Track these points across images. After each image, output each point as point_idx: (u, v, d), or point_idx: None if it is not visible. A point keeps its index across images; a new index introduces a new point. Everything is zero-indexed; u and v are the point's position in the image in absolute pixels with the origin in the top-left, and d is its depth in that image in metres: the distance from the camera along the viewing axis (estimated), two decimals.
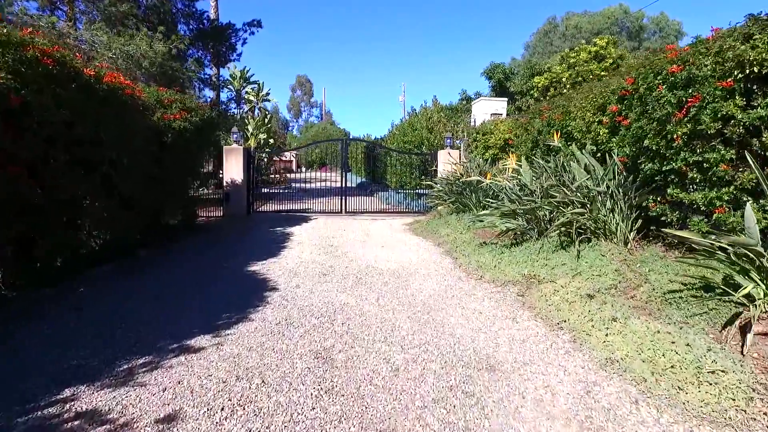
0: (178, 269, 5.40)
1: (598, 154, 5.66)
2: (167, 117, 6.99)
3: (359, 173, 30.36)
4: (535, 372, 2.83)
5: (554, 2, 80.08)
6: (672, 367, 2.65)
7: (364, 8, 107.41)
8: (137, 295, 4.31)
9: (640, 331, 3.17)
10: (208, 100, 16.56)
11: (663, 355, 2.78)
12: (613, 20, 46.50)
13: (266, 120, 28.68)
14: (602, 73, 20.06)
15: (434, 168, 11.39)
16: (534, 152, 6.98)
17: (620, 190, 4.97)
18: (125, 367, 2.75)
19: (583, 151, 5.57)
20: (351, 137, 11.80)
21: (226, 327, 3.48)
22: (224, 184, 10.77)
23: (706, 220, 3.93)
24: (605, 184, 5.15)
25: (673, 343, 2.90)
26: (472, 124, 11.33)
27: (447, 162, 10.85)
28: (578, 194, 5.22)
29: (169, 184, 7.13)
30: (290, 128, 74.92)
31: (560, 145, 5.66)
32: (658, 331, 3.10)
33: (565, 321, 3.62)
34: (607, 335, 3.23)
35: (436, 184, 10.36)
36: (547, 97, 20.65)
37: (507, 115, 11.01)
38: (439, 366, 2.89)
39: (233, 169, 10.72)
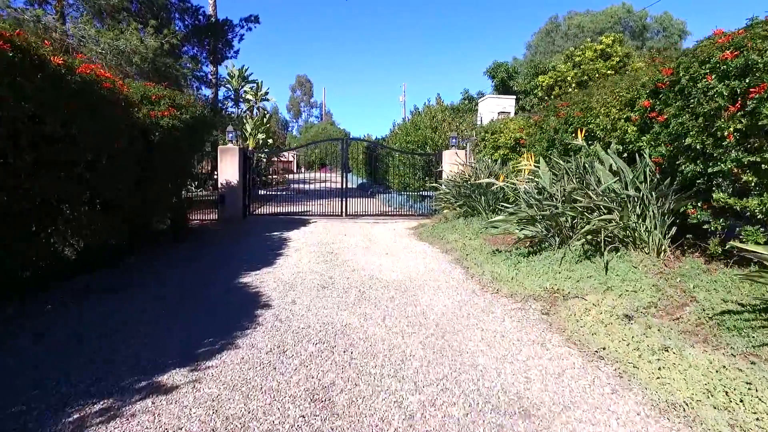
0: (161, 281, 4.88)
1: (624, 155, 5.14)
2: (154, 114, 6.47)
3: (360, 174, 29.81)
4: (581, 419, 2.31)
5: (556, 2, 79.63)
6: (757, 420, 2.13)
7: (364, 8, 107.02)
8: (111, 315, 3.79)
9: (700, 365, 2.65)
10: (207, 98, 16.04)
11: (741, 401, 2.27)
12: (615, 19, 46.00)
13: (265, 120, 28.18)
14: (608, 72, 19.58)
15: (439, 169, 10.88)
16: (550, 152, 6.47)
17: (653, 194, 4.46)
18: (74, 417, 2.22)
19: (608, 150, 5.06)
20: (351, 137, 11.24)
21: (207, 357, 2.96)
22: (219, 185, 10.25)
23: (762, 230, 3.41)
24: (635, 187, 4.64)
25: (748, 384, 2.38)
26: (479, 123, 10.83)
27: (453, 163, 10.33)
28: (605, 199, 4.70)
29: (157, 187, 6.61)
30: (290, 128, 74.43)
31: (583, 144, 5.14)
32: (724, 366, 2.59)
33: (604, 348, 3.10)
34: (660, 369, 2.71)
35: (441, 185, 9.85)
36: (552, 96, 20.16)
37: (515, 113, 10.51)
38: (461, 411, 2.38)
39: (228, 170, 10.20)
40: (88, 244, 5.07)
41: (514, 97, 12.02)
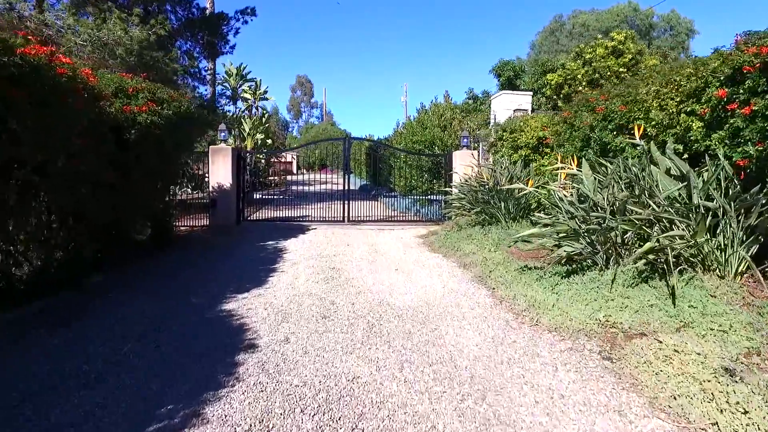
0: (124, 308, 4.03)
1: (685, 155, 4.29)
2: (129, 109, 5.63)
3: (361, 175, 28.90)
4: None
5: (560, 1, 78.79)
6: None
7: (364, 8, 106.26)
8: (45, 362, 2.94)
9: None
10: (205, 97, 15.16)
11: None
12: (622, 18, 45.16)
13: (264, 119, 27.39)
14: (621, 70, 18.77)
15: (451, 171, 10.03)
16: (584, 153, 5.62)
17: (732, 205, 3.60)
18: None
19: (667, 150, 4.21)
20: (353, 137, 10.39)
21: None
22: (210, 189, 9.41)
23: None
24: (706, 195, 3.78)
25: None
26: (492, 121, 9.99)
27: (465, 164, 9.48)
28: (669, 210, 3.84)
29: (132, 192, 5.77)
30: (290, 129, 73.73)
31: (640, 143, 4.28)
32: None
33: (714, 424, 2.24)
34: None
35: (452, 189, 9.01)
36: (561, 96, 19.32)
37: (532, 110, 9.68)
38: None
39: (220, 172, 9.36)
40: (39, 262, 4.22)
41: (531, 92, 11.16)
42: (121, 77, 6.05)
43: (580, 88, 19.49)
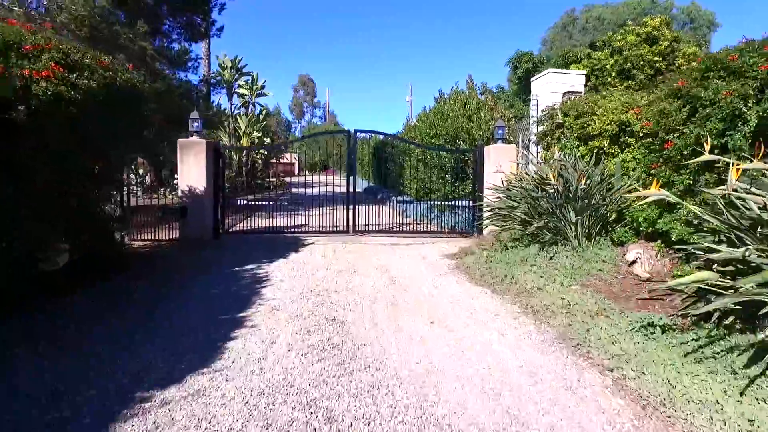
0: None
1: None
2: (16, 73, 3.65)
3: (366, 176, 26.76)
4: None
5: None
6: None
7: (368, 6, 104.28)
8: None
9: None
10: (195, 86, 13.09)
11: None
12: (639, 10, 42.95)
13: (262, 117, 25.44)
14: (656, 59, 16.69)
15: (480, 171, 8.00)
16: (728, 137, 3.58)
17: None
18: None
19: None
20: (357, 130, 8.30)
21: None
22: (179, 193, 7.42)
23: None
24: None
25: None
26: (533, 108, 7.96)
27: (502, 162, 7.46)
28: None
29: (28, 202, 3.78)
30: (293, 129, 72.10)
31: None
32: None
33: None
34: None
35: (487, 192, 6.98)
36: (587, 87, 17.27)
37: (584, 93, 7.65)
38: None
39: (192, 173, 7.37)
40: None
41: (584, 73, 9.10)
42: (17, 28, 4.06)
43: (609, 79, 17.40)
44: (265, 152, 25.08)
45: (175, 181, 7.46)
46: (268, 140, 24.85)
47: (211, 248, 6.89)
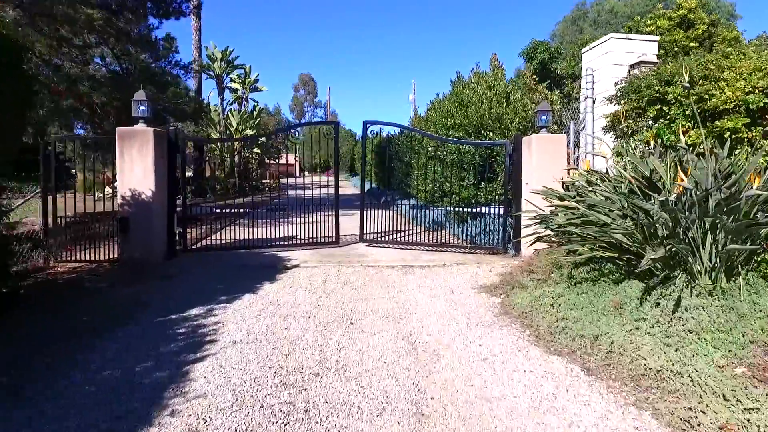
0: None
1: None
2: None
3: (368, 176, 24.79)
4: None
5: None
6: None
7: (369, 3, 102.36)
8: None
9: None
10: (177, 72, 11.17)
11: None
12: (654, 2, 40.90)
13: (255, 113, 23.60)
14: (691, 44, 14.76)
15: (518, 169, 6.12)
16: None
17: None
18: None
19: None
20: (369, 121, 6.46)
21: None
22: (119, 200, 5.55)
23: None
24: None
25: None
26: (587, 87, 6.09)
27: (546, 154, 5.60)
28: None
29: None
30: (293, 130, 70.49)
31: None
32: None
33: None
34: None
35: (525, 197, 5.10)
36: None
37: (633, 68, 5.67)
38: None
39: (136, 172, 5.50)
40: None
41: (656, 38, 7.14)
42: None
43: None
44: (259, 151, 23.27)
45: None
46: (263, 139, 23.02)
47: (155, 276, 5.00)
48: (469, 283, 4.77)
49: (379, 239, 7.01)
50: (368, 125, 7.13)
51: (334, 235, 6.85)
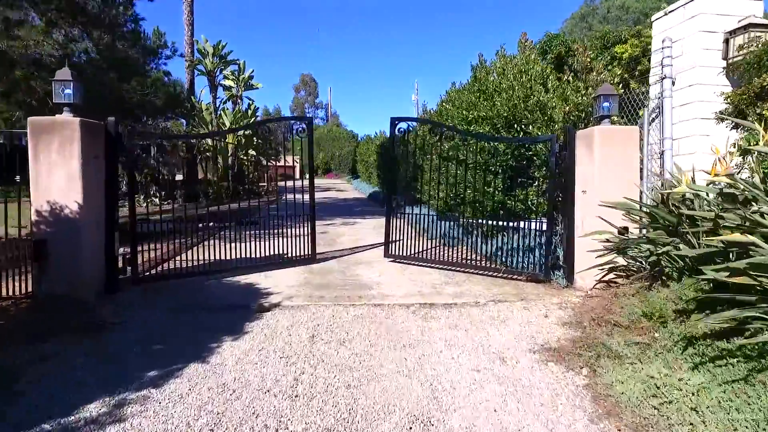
0: None
1: None
2: None
3: (370, 180, 23.18)
4: None
5: None
6: None
7: (371, 3, 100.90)
8: None
9: None
10: (148, 60, 9.68)
11: None
12: None
13: (250, 112, 22.12)
14: None
15: (553, 168, 4.63)
16: None
17: None
18: None
19: None
20: (397, 118, 5.02)
21: None
22: (33, 216, 4.06)
23: None
24: None
25: None
26: (663, 63, 4.62)
27: (613, 153, 4.13)
28: None
29: None
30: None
31: None
32: None
33: None
34: None
35: (624, 210, 3.65)
36: (637, 73, 13.93)
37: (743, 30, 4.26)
38: None
39: (56, 179, 4.02)
40: None
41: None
42: None
43: None
44: (255, 153, 21.82)
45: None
46: (258, 140, 21.55)
47: (79, 324, 3.52)
48: (523, 340, 3.27)
49: (400, 254, 5.55)
50: (397, 122, 5.86)
51: (309, 252, 5.56)
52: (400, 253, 5.82)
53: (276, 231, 5.84)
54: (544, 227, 5.06)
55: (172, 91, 8.30)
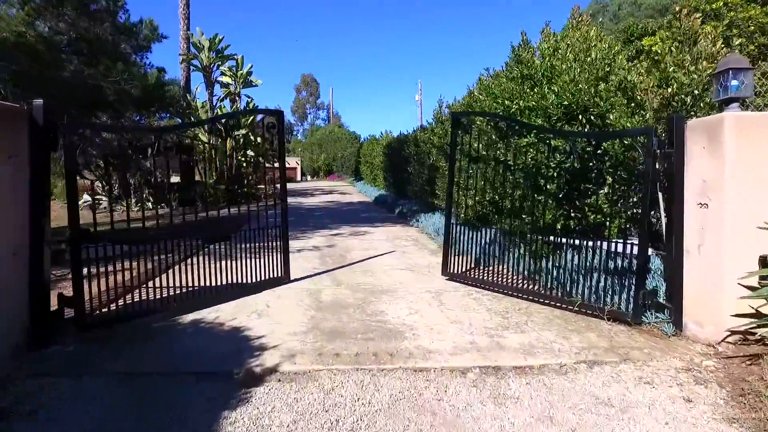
0: None
1: None
2: None
3: (374, 182, 21.70)
4: None
5: None
6: None
7: (370, 4, 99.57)
8: None
9: None
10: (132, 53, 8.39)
11: None
12: None
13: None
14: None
15: (649, 171, 3.32)
16: None
17: None
18: None
19: None
20: (458, 113, 3.77)
21: None
22: None
23: None
24: None
25: None
26: None
27: (752, 156, 2.83)
28: None
29: None
30: (295, 132, 68.18)
31: None
32: None
33: None
34: None
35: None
36: (663, 68, 12.60)
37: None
38: None
39: None
40: None
41: None
42: None
43: (714, 48, 12.61)
44: (253, 154, 20.54)
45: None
46: (257, 139, 20.25)
47: None
48: None
49: (396, 288, 4.22)
50: (460, 118, 4.66)
51: (282, 272, 4.37)
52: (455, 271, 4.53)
53: (271, 244, 4.56)
54: (629, 249, 3.77)
55: (150, 80, 6.98)
